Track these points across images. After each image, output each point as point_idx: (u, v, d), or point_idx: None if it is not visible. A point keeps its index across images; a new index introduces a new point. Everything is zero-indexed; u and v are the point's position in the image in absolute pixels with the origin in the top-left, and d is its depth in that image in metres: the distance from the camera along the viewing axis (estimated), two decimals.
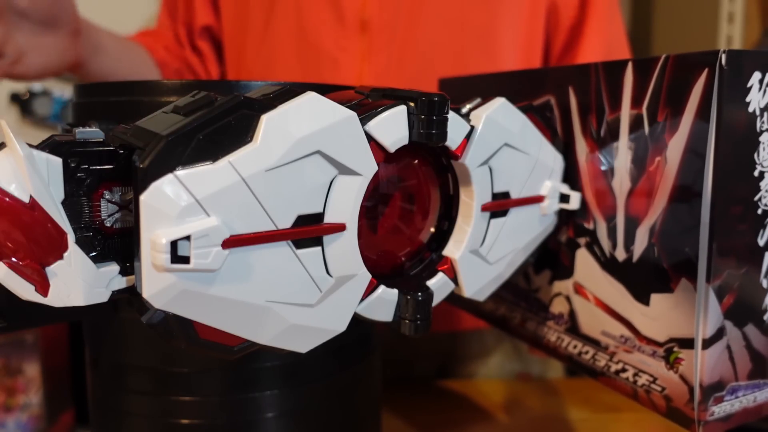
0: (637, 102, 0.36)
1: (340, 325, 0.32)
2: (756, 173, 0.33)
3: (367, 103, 0.32)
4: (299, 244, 0.29)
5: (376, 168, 0.31)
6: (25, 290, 0.26)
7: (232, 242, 0.26)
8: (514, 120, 0.37)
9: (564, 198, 0.40)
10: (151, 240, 0.25)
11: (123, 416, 0.39)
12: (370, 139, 0.30)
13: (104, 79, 0.64)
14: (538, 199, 0.39)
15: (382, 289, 0.33)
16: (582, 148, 0.40)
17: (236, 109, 0.27)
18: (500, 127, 0.36)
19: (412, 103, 0.31)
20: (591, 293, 0.40)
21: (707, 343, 0.33)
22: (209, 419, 0.37)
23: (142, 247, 0.25)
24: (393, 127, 0.31)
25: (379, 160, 0.31)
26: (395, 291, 0.33)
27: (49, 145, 0.27)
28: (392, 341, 0.57)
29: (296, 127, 0.27)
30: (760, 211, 0.33)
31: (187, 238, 0.25)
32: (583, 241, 0.40)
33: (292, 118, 0.27)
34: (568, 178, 0.41)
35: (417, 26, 0.67)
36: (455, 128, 0.33)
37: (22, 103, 1.40)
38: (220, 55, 0.79)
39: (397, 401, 0.63)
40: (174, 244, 0.24)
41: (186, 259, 0.25)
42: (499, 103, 0.36)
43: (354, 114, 0.29)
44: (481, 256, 0.37)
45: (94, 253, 0.28)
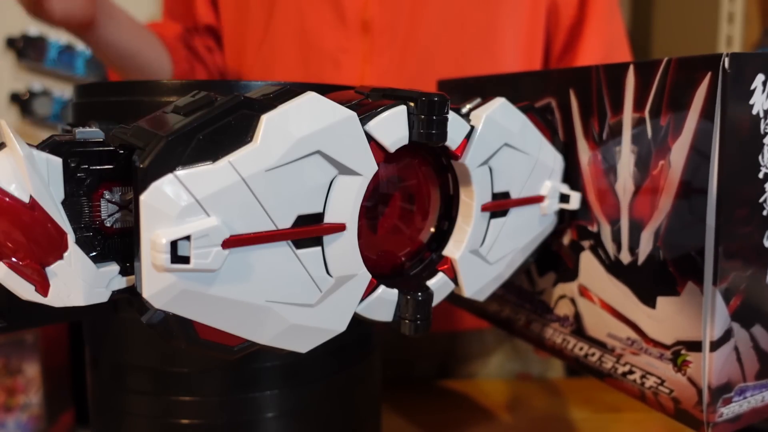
0: (639, 105, 0.35)
1: (340, 325, 0.32)
2: (761, 175, 0.33)
3: (367, 103, 0.32)
4: (299, 244, 0.29)
5: (376, 168, 0.31)
6: (25, 290, 0.26)
7: (232, 242, 0.26)
8: (514, 120, 0.37)
9: (564, 198, 0.40)
10: (151, 240, 0.25)
11: (123, 416, 0.39)
12: (370, 139, 0.30)
13: (118, 50, 0.64)
14: (538, 199, 0.39)
15: (382, 289, 0.33)
16: (584, 151, 0.40)
17: (236, 109, 0.27)
18: (500, 127, 0.36)
19: (412, 103, 0.31)
20: (596, 296, 0.40)
21: (715, 346, 0.33)
22: (209, 419, 0.37)
23: (142, 247, 0.25)
24: (393, 127, 0.31)
25: (379, 160, 0.31)
26: (395, 291, 0.33)
27: (49, 145, 0.27)
28: (392, 341, 0.57)
29: (296, 127, 0.27)
30: (765, 213, 0.33)
31: (187, 238, 0.25)
32: (587, 244, 0.40)
33: (292, 118, 0.27)
34: (571, 181, 0.41)
35: (418, 27, 0.67)
36: (455, 128, 0.33)
37: (22, 103, 1.40)
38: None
39: (398, 401, 0.63)
40: (174, 244, 0.24)
41: (186, 259, 0.25)
42: (499, 103, 0.36)
43: (354, 114, 0.29)
44: (481, 256, 0.37)
45: (94, 253, 0.28)
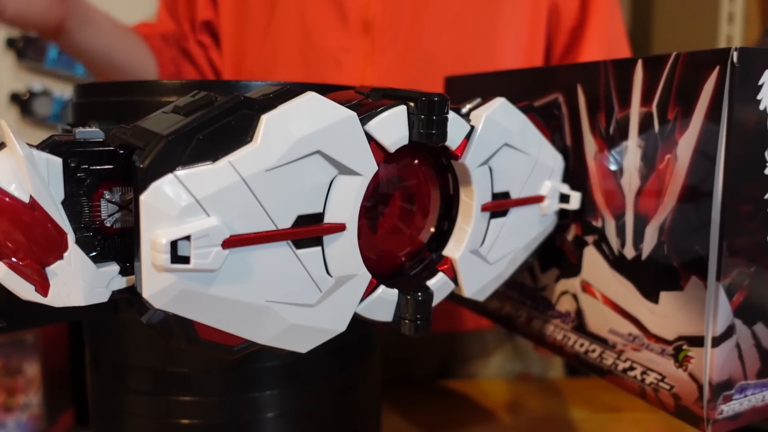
0: (646, 100, 0.35)
1: (340, 325, 0.32)
2: (766, 171, 0.33)
3: (367, 103, 0.32)
4: (299, 244, 0.29)
5: (376, 168, 0.31)
6: (25, 290, 0.26)
7: (232, 242, 0.26)
8: (514, 120, 0.37)
9: (564, 198, 0.40)
10: (151, 240, 0.25)
11: (123, 416, 0.39)
12: (370, 139, 0.30)
13: (96, 56, 0.65)
14: (538, 199, 0.39)
15: (382, 289, 0.33)
16: (590, 146, 0.40)
17: (236, 109, 0.27)
18: (500, 127, 0.36)
19: (412, 103, 0.31)
20: (599, 291, 0.40)
21: (717, 341, 0.33)
22: (209, 419, 0.37)
23: (142, 247, 0.25)
24: (393, 127, 0.31)
25: (379, 160, 0.31)
26: (395, 291, 0.33)
27: (49, 145, 0.27)
28: (392, 341, 0.57)
29: (296, 127, 0.27)
30: None
31: (187, 238, 0.25)
32: (591, 239, 0.40)
33: (292, 118, 0.27)
34: (576, 176, 0.41)
35: (420, 27, 0.67)
36: (455, 128, 0.33)
37: (22, 103, 1.40)
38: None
39: (398, 401, 0.63)
40: (174, 244, 0.24)
41: (186, 259, 0.25)
42: (499, 103, 0.36)
43: (354, 114, 0.29)
44: (481, 256, 0.37)
45: (94, 253, 0.28)
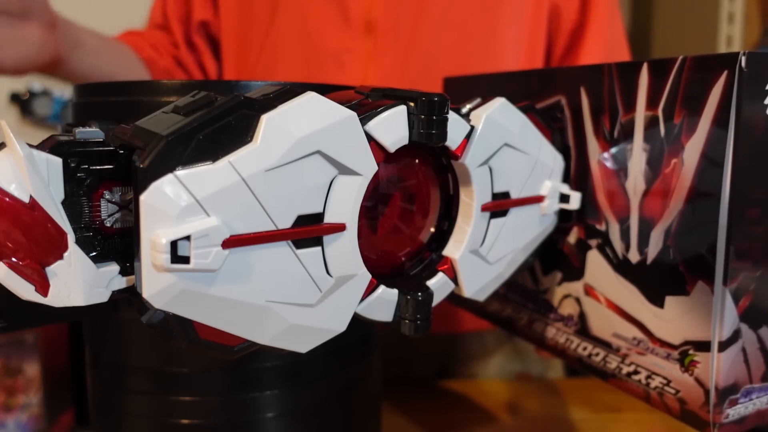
0: (652, 103, 0.35)
1: (340, 325, 0.32)
2: None
3: (367, 103, 0.32)
4: (299, 244, 0.29)
5: (376, 168, 0.31)
6: (25, 290, 0.26)
7: (232, 242, 0.26)
8: (514, 120, 0.37)
9: (564, 198, 0.40)
10: (151, 240, 0.25)
11: (123, 416, 0.39)
12: (370, 139, 0.30)
13: (87, 77, 0.64)
14: (538, 199, 0.39)
15: (382, 289, 0.33)
16: (594, 149, 0.39)
17: (236, 109, 0.27)
18: (500, 127, 0.36)
19: (412, 103, 0.31)
20: (602, 295, 0.40)
21: (723, 346, 0.33)
22: (209, 419, 0.37)
23: (142, 247, 0.25)
24: (393, 127, 0.31)
25: (379, 160, 0.31)
26: (395, 291, 0.33)
27: (49, 145, 0.27)
28: (392, 341, 0.57)
29: (296, 127, 0.27)
30: None
31: (187, 238, 0.25)
32: (594, 242, 0.40)
33: (292, 118, 0.27)
34: (580, 178, 0.41)
35: (422, 28, 0.67)
36: (455, 128, 0.33)
37: (22, 103, 1.41)
38: (216, 52, 0.78)
39: (398, 401, 0.63)
40: (174, 244, 0.24)
41: (186, 259, 0.25)
42: (499, 103, 0.36)
43: (354, 114, 0.29)
44: (481, 256, 0.37)
45: (94, 253, 0.28)
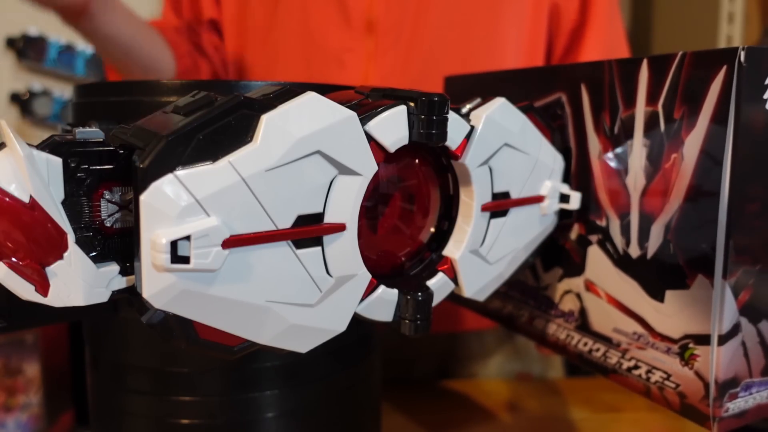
0: (652, 99, 0.35)
1: (340, 325, 0.32)
2: None
3: (367, 103, 0.32)
4: (299, 244, 0.29)
5: (376, 168, 0.31)
6: (25, 290, 0.26)
7: (232, 242, 0.26)
8: (514, 120, 0.37)
9: (564, 198, 0.40)
10: (151, 240, 0.25)
11: (123, 416, 0.39)
12: (370, 139, 0.30)
13: (111, 40, 0.63)
14: (538, 199, 0.39)
15: (382, 289, 0.33)
16: (594, 146, 0.39)
17: (236, 109, 0.27)
18: (500, 127, 0.36)
19: (412, 103, 0.31)
20: (603, 290, 0.40)
21: (723, 340, 0.33)
22: (209, 419, 0.37)
23: (142, 247, 0.25)
24: (393, 127, 0.31)
25: (379, 160, 0.31)
26: (395, 291, 0.33)
27: (49, 145, 0.27)
28: (392, 341, 0.57)
29: (296, 127, 0.27)
30: None
31: (187, 238, 0.25)
32: (595, 238, 0.40)
33: (292, 118, 0.27)
34: (580, 175, 0.41)
35: (423, 27, 0.67)
36: (455, 128, 0.33)
37: (22, 103, 1.41)
38: None
39: (398, 401, 0.63)
40: (174, 244, 0.24)
41: (186, 259, 0.25)
42: (499, 103, 0.36)
43: (354, 114, 0.29)
44: (481, 256, 0.37)
45: (94, 253, 0.28)
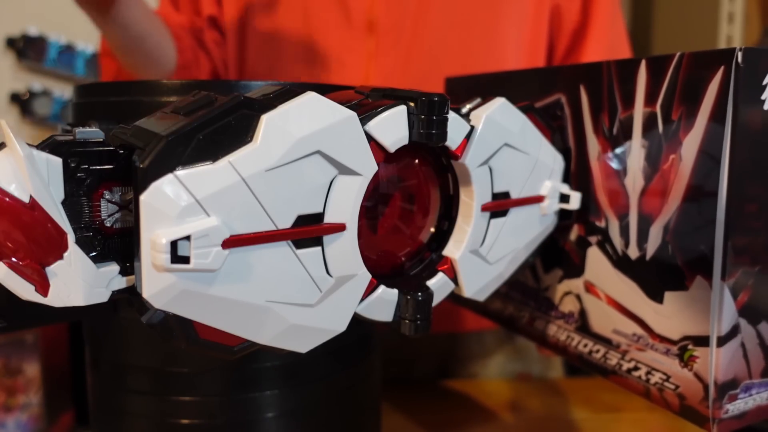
0: (650, 100, 0.35)
1: (340, 325, 0.32)
2: None
3: (367, 103, 0.32)
4: (299, 244, 0.29)
5: (376, 168, 0.31)
6: (25, 290, 0.26)
7: (232, 242, 0.26)
8: (514, 120, 0.37)
9: (564, 198, 0.40)
10: (151, 240, 0.25)
11: (123, 416, 0.39)
12: (370, 139, 0.30)
13: (126, 31, 0.60)
14: (538, 199, 0.39)
15: (382, 289, 0.33)
16: (594, 147, 0.39)
17: (236, 109, 0.27)
18: (500, 127, 0.36)
19: (412, 103, 0.31)
20: (602, 292, 0.40)
21: (722, 341, 0.33)
22: (209, 419, 0.37)
23: (142, 247, 0.25)
24: (393, 127, 0.31)
25: (379, 160, 0.31)
26: (395, 291, 0.33)
27: (49, 145, 0.27)
28: (392, 341, 0.57)
29: (296, 127, 0.27)
30: None
31: (187, 238, 0.25)
32: (594, 239, 0.40)
33: (292, 118, 0.27)
34: (579, 176, 0.41)
35: (424, 27, 0.67)
36: (455, 128, 0.33)
37: (22, 103, 1.41)
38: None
39: (398, 401, 0.63)
40: (174, 244, 0.24)
41: (186, 259, 0.25)
42: (499, 103, 0.36)
43: (354, 114, 0.29)
44: (481, 256, 0.37)
45: (94, 253, 0.28)
